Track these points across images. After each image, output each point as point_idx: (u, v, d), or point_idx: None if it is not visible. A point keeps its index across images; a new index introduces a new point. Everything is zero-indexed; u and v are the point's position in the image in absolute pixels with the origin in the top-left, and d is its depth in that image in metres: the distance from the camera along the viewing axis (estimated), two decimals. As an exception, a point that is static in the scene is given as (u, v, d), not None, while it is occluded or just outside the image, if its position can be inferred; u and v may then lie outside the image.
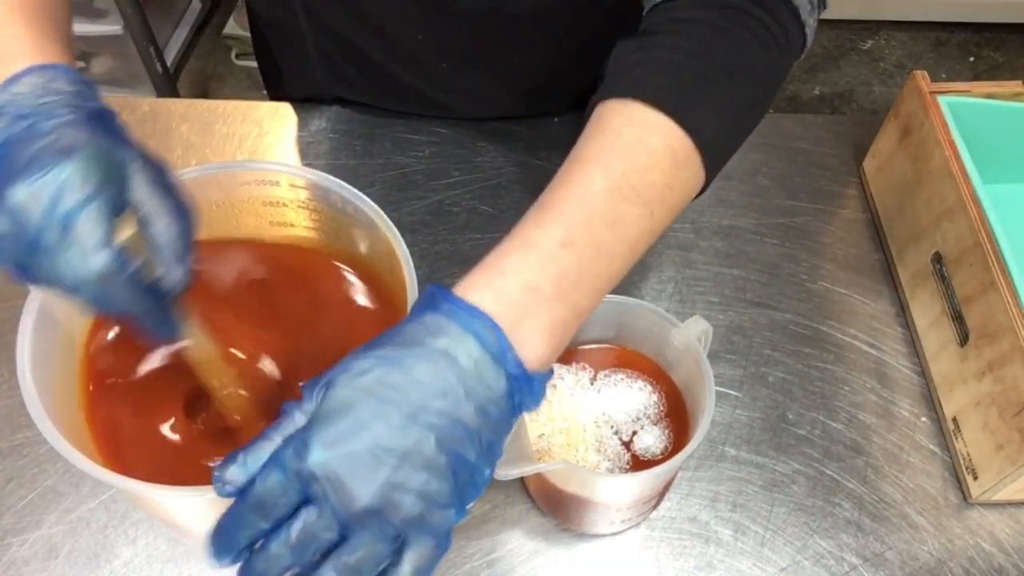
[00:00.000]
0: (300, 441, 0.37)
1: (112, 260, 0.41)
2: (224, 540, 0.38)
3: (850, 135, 0.85)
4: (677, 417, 0.59)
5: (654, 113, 0.45)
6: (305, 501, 0.37)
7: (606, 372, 0.60)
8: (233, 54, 2.05)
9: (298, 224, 0.59)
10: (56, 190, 0.40)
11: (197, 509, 0.46)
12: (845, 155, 0.83)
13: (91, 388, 0.53)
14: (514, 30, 0.73)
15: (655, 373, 0.61)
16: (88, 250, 0.40)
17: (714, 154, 0.47)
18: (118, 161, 0.42)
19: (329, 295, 0.59)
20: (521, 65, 0.77)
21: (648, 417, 0.59)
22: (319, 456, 0.36)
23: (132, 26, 1.72)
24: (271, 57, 0.86)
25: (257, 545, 0.38)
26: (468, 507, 0.39)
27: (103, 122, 0.44)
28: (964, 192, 0.63)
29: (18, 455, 0.62)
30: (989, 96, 0.70)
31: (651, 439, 0.58)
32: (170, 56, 1.98)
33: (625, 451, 0.57)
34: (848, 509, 0.62)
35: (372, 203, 0.53)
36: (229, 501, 0.38)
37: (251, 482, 0.37)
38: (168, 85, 1.88)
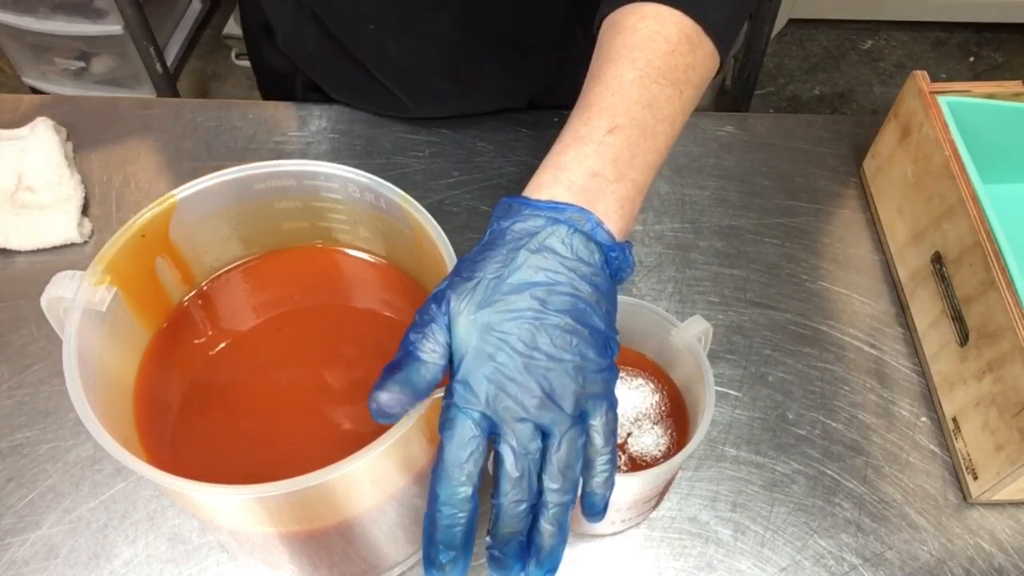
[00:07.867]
0: (460, 384, 0.40)
1: None
2: (444, 536, 0.40)
3: (850, 135, 0.85)
4: (677, 417, 0.59)
5: (664, 8, 0.50)
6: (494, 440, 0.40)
7: (606, 372, 0.60)
8: (233, 54, 2.05)
9: (305, 220, 0.58)
10: None
11: (237, 507, 0.45)
12: (845, 155, 0.83)
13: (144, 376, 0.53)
14: None
15: (655, 373, 0.61)
16: None
17: (723, 35, 0.52)
18: None
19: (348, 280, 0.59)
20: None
21: (648, 417, 0.59)
22: (484, 386, 0.40)
23: (132, 26, 1.71)
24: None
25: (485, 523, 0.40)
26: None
27: None
28: (964, 192, 0.63)
29: (18, 455, 0.62)
30: (989, 96, 0.70)
31: (651, 439, 0.58)
32: (170, 56, 1.98)
33: (620, 452, 0.57)
34: (848, 509, 0.62)
35: (391, 185, 0.52)
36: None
37: (440, 457, 0.40)
38: (168, 85, 1.88)
